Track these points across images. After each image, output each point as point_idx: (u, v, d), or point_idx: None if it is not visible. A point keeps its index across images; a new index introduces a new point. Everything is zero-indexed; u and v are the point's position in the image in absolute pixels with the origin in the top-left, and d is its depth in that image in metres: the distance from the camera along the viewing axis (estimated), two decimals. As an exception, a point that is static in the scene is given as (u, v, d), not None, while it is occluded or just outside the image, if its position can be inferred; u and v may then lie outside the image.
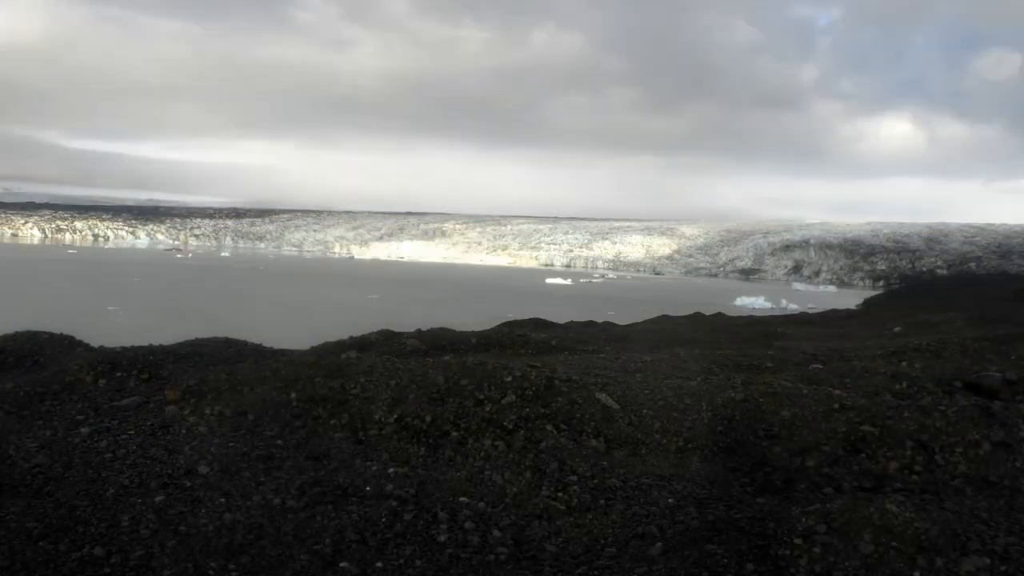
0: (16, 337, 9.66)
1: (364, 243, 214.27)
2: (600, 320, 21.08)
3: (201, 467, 5.57)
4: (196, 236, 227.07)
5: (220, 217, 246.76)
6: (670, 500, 5.26)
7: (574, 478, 5.60)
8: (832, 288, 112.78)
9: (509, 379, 7.12)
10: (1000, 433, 5.61)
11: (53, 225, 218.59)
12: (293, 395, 7.29)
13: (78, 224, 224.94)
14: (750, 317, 32.28)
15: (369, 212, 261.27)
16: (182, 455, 5.79)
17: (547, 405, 6.77)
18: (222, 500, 4.97)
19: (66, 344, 9.67)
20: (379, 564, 4.34)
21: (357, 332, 13.48)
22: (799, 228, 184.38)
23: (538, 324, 19.09)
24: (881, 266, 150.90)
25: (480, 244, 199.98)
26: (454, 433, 6.35)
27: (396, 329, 13.95)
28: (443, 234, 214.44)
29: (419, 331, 13.94)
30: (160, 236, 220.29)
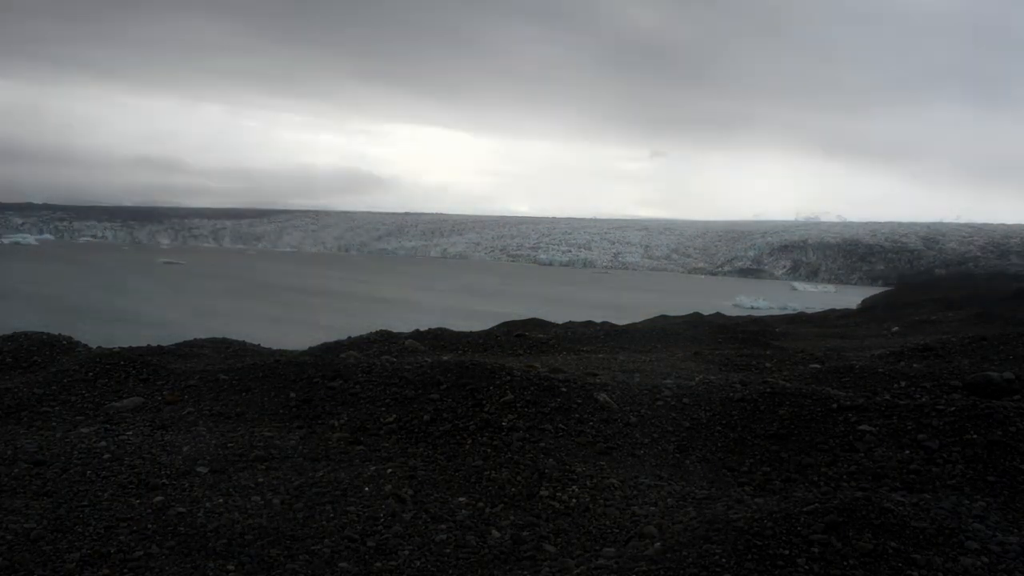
0: (16, 337, 9.66)
1: (362, 244, 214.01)
2: (599, 320, 21.05)
3: (200, 467, 5.58)
4: (195, 236, 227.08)
5: (218, 218, 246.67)
6: (669, 500, 5.27)
7: (573, 478, 5.61)
8: (831, 288, 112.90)
9: (508, 379, 7.12)
10: (998, 432, 5.63)
11: (51, 226, 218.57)
12: (293, 395, 7.30)
13: (76, 225, 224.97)
14: (749, 317, 32.32)
15: (367, 212, 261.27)
16: (181, 455, 5.79)
17: (546, 405, 6.77)
18: (221, 500, 4.97)
19: (65, 344, 9.66)
20: (379, 564, 4.34)
21: (355, 332, 13.50)
22: (797, 228, 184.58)
23: (536, 324, 19.07)
24: (879, 266, 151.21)
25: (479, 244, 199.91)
26: (453, 433, 6.36)
27: (395, 330, 13.97)
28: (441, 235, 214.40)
29: (418, 331, 13.95)
30: (159, 237, 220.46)
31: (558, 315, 24.08)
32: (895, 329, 23.35)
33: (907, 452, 5.72)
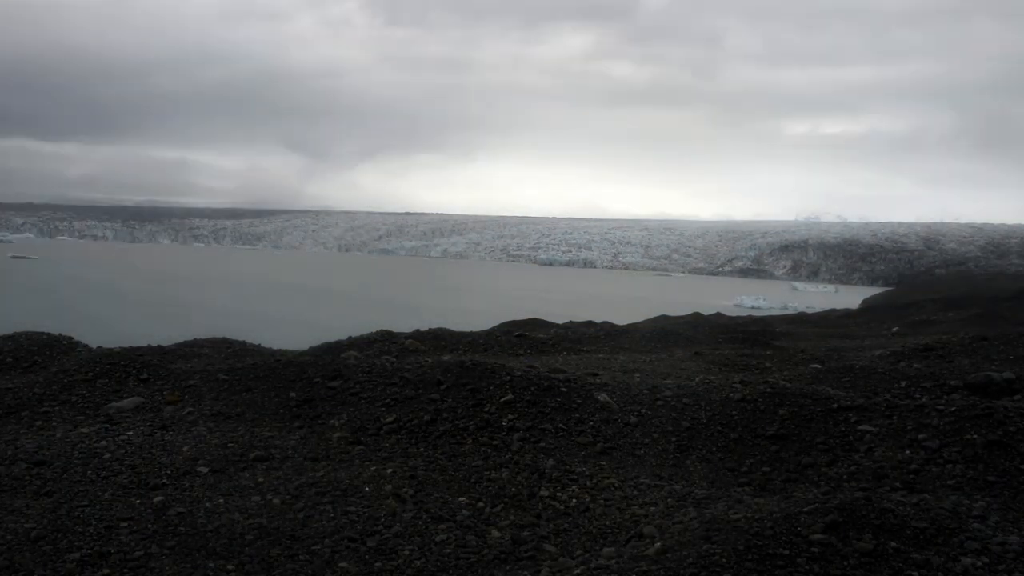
0: (16, 337, 9.66)
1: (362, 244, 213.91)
2: (599, 320, 21.06)
3: (200, 467, 5.58)
4: (195, 236, 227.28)
5: (219, 218, 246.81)
6: (669, 500, 5.27)
7: (573, 478, 5.62)
8: (831, 288, 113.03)
9: (508, 379, 7.12)
10: (998, 432, 5.63)
11: (52, 226, 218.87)
12: (293, 395, 7.30)
13: (76, 225, 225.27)
14: (749, 317, 32.35)
15: (368, 212, 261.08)
16: (181, 455, 5.79)
17: (546, 405, 6.77)
18: (221, 500, 4.97)
19: (65, 344, 9.67)
20: (378, 564, 4.35)
21: (355, 332, 13.49)
22: (797, 228, 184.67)
23: (537, 324, 19.08)
24: (879, 266, 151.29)
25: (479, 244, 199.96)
26: (453, 433, 6.36)
27: (395, 330, 13.96)
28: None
29: (418, 331, 13.94)
30: (159, 237, 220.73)
31: (559, 314, 24.09)
32: (895, 329, 23.36)
33: (907, 452, 5.71)
